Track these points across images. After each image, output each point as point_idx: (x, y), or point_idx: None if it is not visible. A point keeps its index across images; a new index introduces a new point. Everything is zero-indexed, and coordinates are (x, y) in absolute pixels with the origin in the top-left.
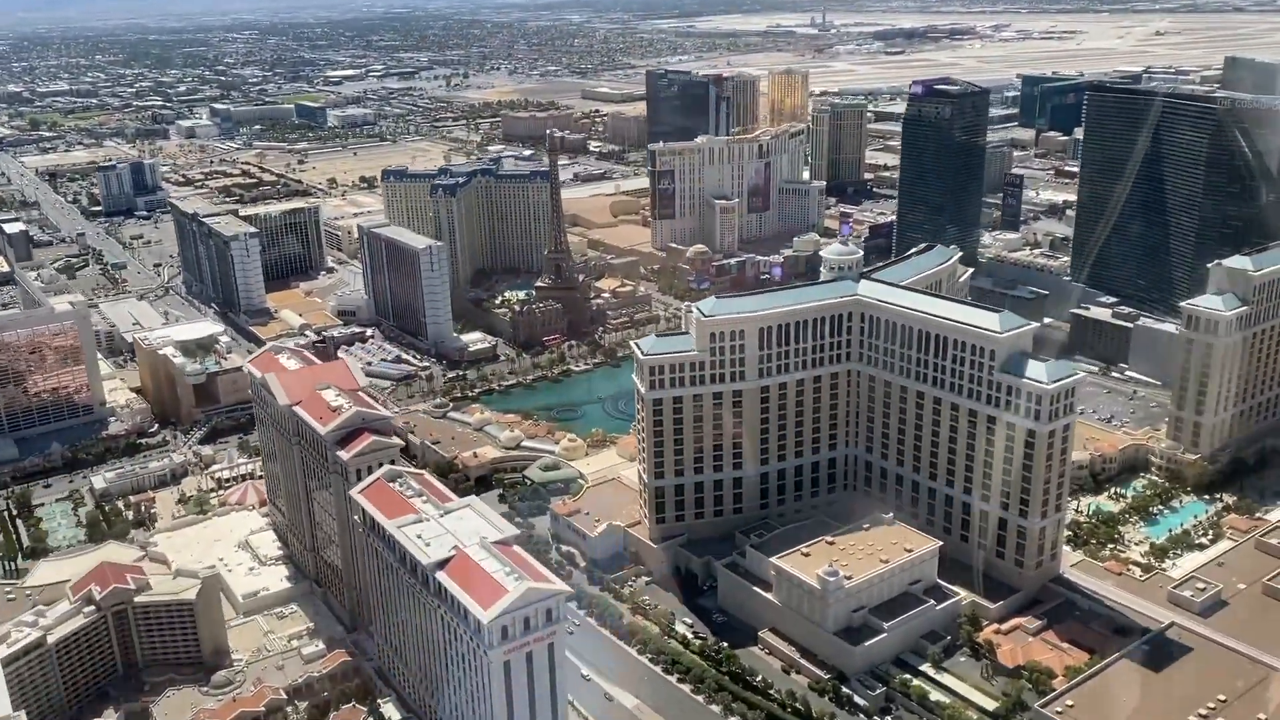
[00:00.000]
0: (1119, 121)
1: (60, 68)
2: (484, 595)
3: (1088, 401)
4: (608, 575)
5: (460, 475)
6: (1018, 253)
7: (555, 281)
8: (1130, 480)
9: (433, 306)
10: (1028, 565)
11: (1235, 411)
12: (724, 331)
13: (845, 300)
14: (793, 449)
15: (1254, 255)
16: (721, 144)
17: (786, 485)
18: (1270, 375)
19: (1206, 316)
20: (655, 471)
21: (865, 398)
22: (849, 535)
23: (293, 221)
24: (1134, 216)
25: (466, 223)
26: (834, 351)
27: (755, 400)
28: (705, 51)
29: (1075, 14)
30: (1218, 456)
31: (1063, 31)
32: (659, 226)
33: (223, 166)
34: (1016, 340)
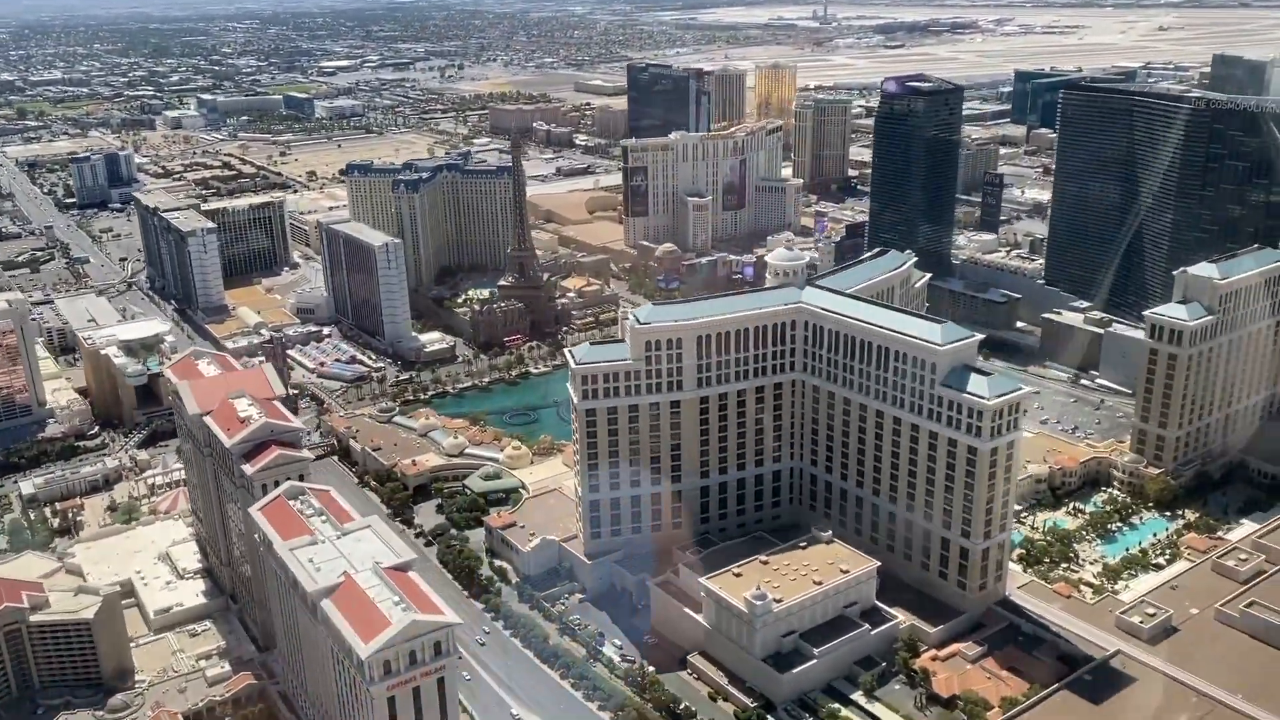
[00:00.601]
0: (1093, 121)
1: (57, 56)
2: (366, 627)
3: (1053, 411)
4: (539, 593)
5: (398, 484)
6: (993, 254)
7: (518, 280)
8: (1091, 495)
9: (390, 305)
10: (970, 588)
11: (1201, 424)
12: (660, 340)
13: (788, 308)
14: (734, 462)
15: (1220, 263)
16: (696, 140)
17: (728, 499)
18: (1237, 387)
19: (1170, 326)
20: (590, 484)
21: (810, 409)
22: (785, 554)
23: (259, 216)
24: (1108, 219)
25: (431, 219)
26: (777, 361)
27: (694, 411)
28: (704, 44)
29: (1079, 9)
30: (1181, 471)
31: (1065, 26)
32: (631, 224)
33: (204, 158)
34: (959, 353)
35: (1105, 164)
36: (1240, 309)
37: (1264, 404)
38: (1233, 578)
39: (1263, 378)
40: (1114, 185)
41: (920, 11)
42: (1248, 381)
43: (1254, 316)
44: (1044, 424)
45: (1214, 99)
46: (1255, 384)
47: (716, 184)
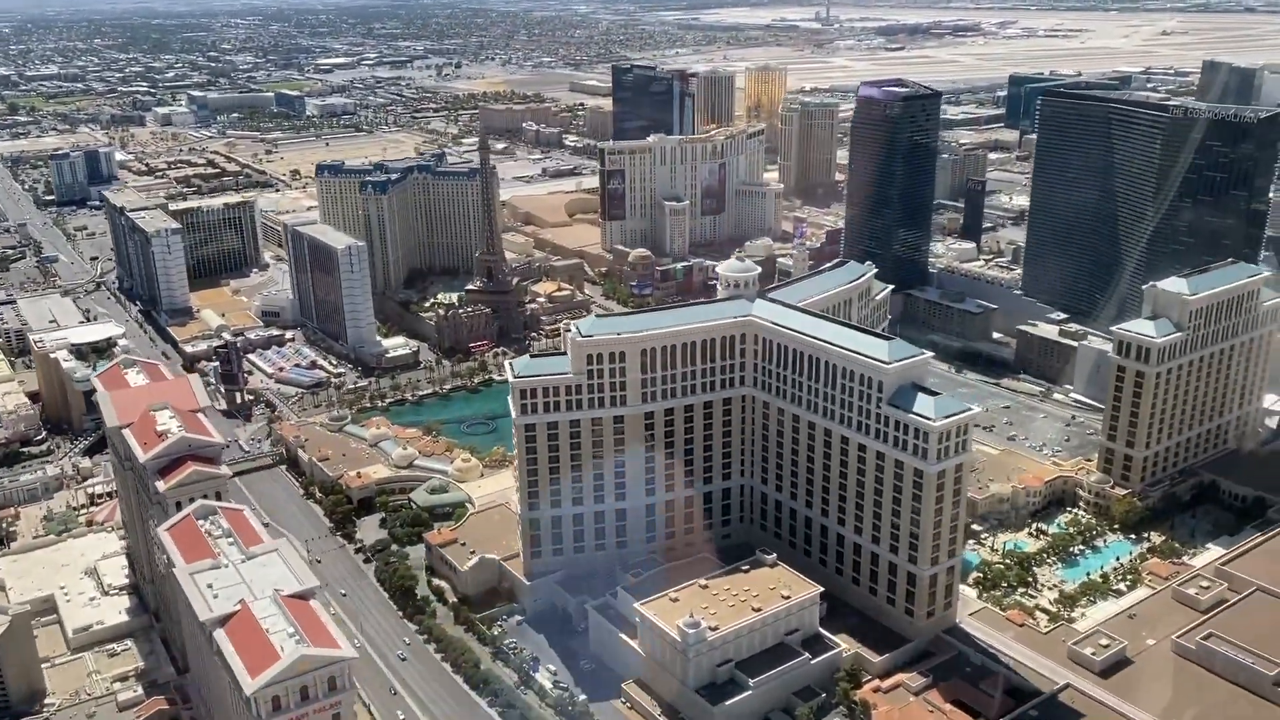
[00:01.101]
0: (1072, 128)
1: (56, 51)
2: (255, 660)
3: (1022, 427)
4: (476, 614)
5: (341, 497)
6: (971, 263)
7: (486, 285)
8: (1056, 515)
9: (352, 309)
10: (918, 615)
11: (1170, 444)
12: (603, 353)
13: (737, 321)
14: (682, 479)
15: (1190, 278)
16: (674, 144)
17: (675, 518)
18: (1207, 406)
19: (1137, 342)
20: (530, 502)
21: (760, 425)
22: (726, 578)
23: (230, 216)
24: (1086, 229)
25: (400, 221)
26: (726, 375)
27: (639, 427)
28: (703, 45)
29: (1084, 12)
30: (1149, 492)
31: (1068, 30)
32: (608, 228)
33: (189, 156)
34: (906, 371)
35: (1084, 173)
36: (1211, 326)
37: (1236, 423)
38: (1193, 606)
39: (1235, 396)
40: (1092, 194)
41: (924, 14)
42: (1219, 400)
43: (1225, 333)
44: (1011, 440)
45: (1193, 108)
46: (1227, 403)
47: (695, 188)
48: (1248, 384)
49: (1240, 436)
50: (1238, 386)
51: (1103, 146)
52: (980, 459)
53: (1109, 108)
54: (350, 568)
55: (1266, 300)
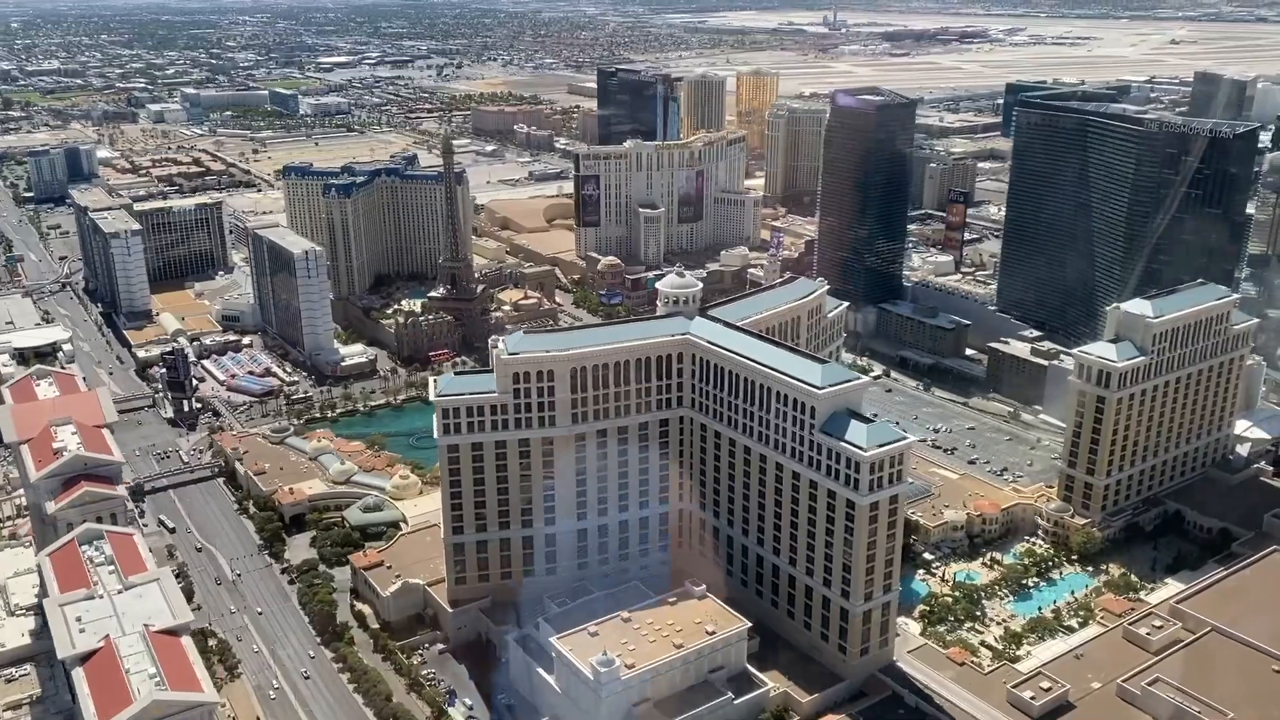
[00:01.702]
0: (1047, 139)
1: (61, 46)
2: (108, 703)
3: (985, 449)
4: (397, 641)
5: (273, 513)
6: (947, 276)
7: (450, 292)
8: (1013, 544)
9: (309, 315)
10: (851, 653)
11: (1134, 472)
12: (530, 371)
13: (675, 340)
14: (616, 503)
15: (1155, 299)
16: (650, 150)
17: (609, 543)
18: (1174, 433)
19: (1098, 366)
20: (454, 525)
21: (698, 448)
22: (651, 610)
23: (199, 218)
24: (1061, 244)
25: (366, 225)
26: (663, 396)
27: (569, 449)
28: (708, 48)
29: (1095, 20)
30: (1110, 522)
31: (1076, 38)
32: (583, 234)
33: (176, 154)
34: (840, 397)
35: (1059, 186)
36: (1177, 349)
37: (1203, 451)
38: (1143, 647)
39: (1204, 422)
40: (1067, 208)
41: (932, 19)
42: (1187, 426)
43: (1193, 357)
44: (972, 464)
45: (1169, 121)
46: (1195, 429)
47: (672, 195)
48: (1218, 410)
49: (1210, 464)
50: (1207, 412)
51: (1078, 159)
52: (938, 483)
53: (1085, 119)
54: (274, 589)
55: (1237, 323)
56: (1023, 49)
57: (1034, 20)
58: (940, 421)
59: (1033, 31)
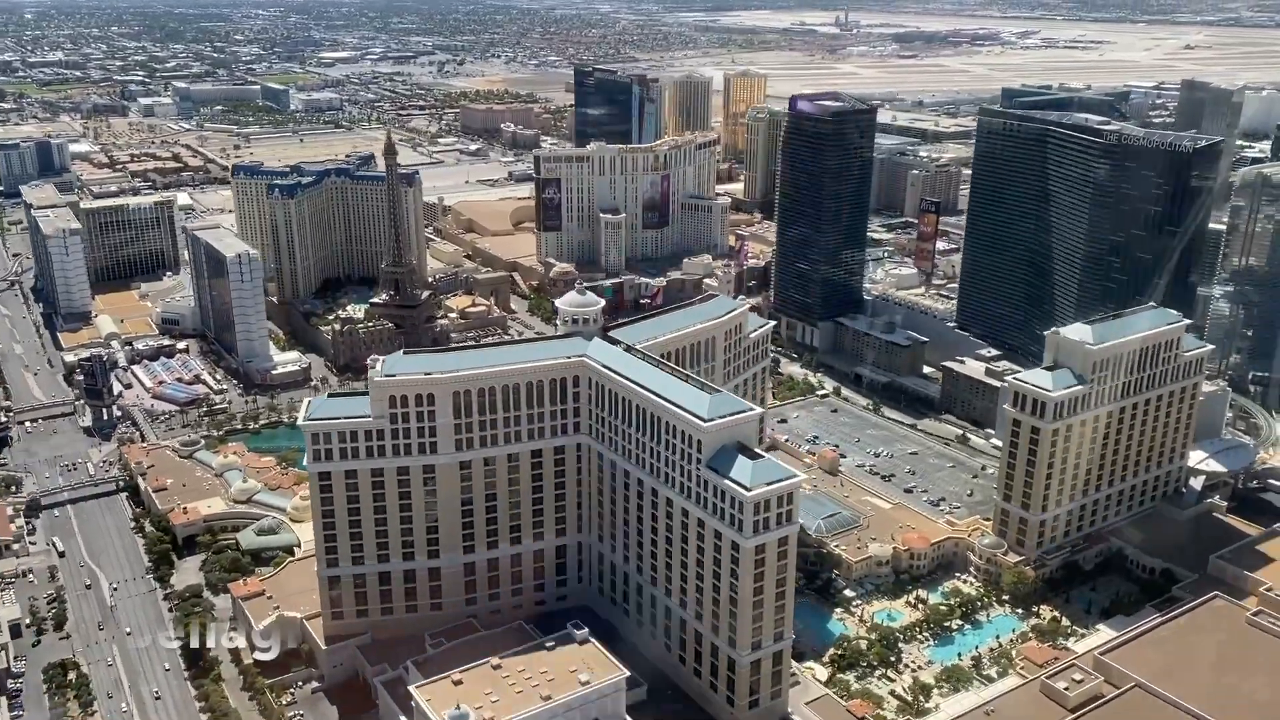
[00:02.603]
0: (1007, 149)
1: (70, 38)
2: None
3: (926, 477)
4: (268, 679)
5: (164, 533)
6: (912, 290)
7: (393, 298)
8: (944, 582)
9: (243, 320)
10: (739, 705)
11: (1074, 506)
12: (407, 395)
13: (570, 362)
14: (507, 535)
15: (1096, 324)
16: (613, 153)
17: (500, 577)
18: (1119, 466)
19: (1032, 394)
20: (328, 558)
21: (595, 478)
22: (524, 656)
23: (152, 216)
24: (1021, 259)
25: (314, 227)
26: (558, 422)
27: (453, 477)
28: (715, 47)
29: (1111, 24)
30: (1045, 560)
31: (1090, 41)
32: (544, 239)
33: (158, 148)
34: (727, 430)
35: (1019, 198)
36: (1121, 377)
37: (1151, 485)
38: (1060, 703)
39: (1149, 455)
40: (1028, 223)
41: (946, 21)
42: (1134, 459)
43: (1139, 386)
44: (909, 492)
45: (1128, 133)
46: (1140, 462)
47: (637, 200)
48: (1168, 441)
49: (1161, 498)
50: (1156, 444)
51: (1038, 171)
52: (869, 513)
53: (1045, 129)
54: (153, 616)
55: (1190, 349)
56: (1033, 52)
57: (1049, 23)
58: (883, 445)
59: (1046, 35)
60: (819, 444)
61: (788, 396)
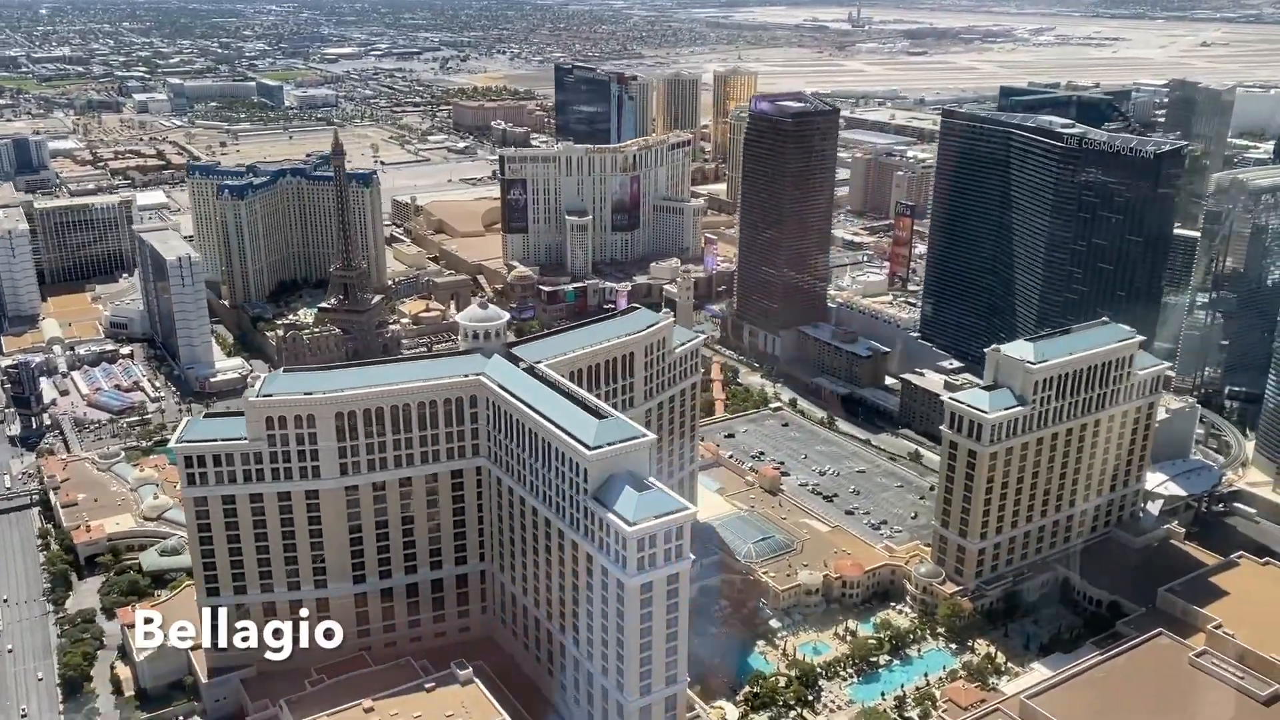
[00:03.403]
0: (970, 154)
1: (81, 33)
2: None
3: (870, 498)
4: (147, 713)
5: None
6: (879, 297)
7: (341, 303)
8: (878, 612)
9: (184, 325)
10: None
11: (1017, 534)
12: (285, 416)
13: (464, 381)
14: (401, 564)
15: (1040, 341)
16: (580, 153)
17: (396, 608)
18: (1066, 490)
19: (968, 416)
20: (207, 587)
21: (495, 504)
22: (401, 698)
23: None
24: (984, 268)
25: (267, 228)
26: (456, 444)
27: (339, 503)
28: (723, 44)
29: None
30: (985, 591)
31: (1104, 38)
32: (509, 241)
33: (144, 145)
34: (616, 458)
35: (982, 205)
36: (1066, 398)
37: (1104, 510)
38: None
39: (1101, 479)
40: (990, 229)
41: (960, 17)
42: (1082, 483)
43: (1086, 406)
44: (850, 514)
45: (1089, 137)
46: (1091, 487)
47: (605, 201)
48: (1122, 464)
49: (1115, 523)
50: (1109, 467)
51: (1001, 177)
52: (804, 536)
53: (1008, 131)
54: (41, 642)
55: (1146, 367)
56: (1046, 49)
57: (1066, 20)
58: (831, 463)
59: (1060, 32)
60: (764, 460)
61: (741, 408)
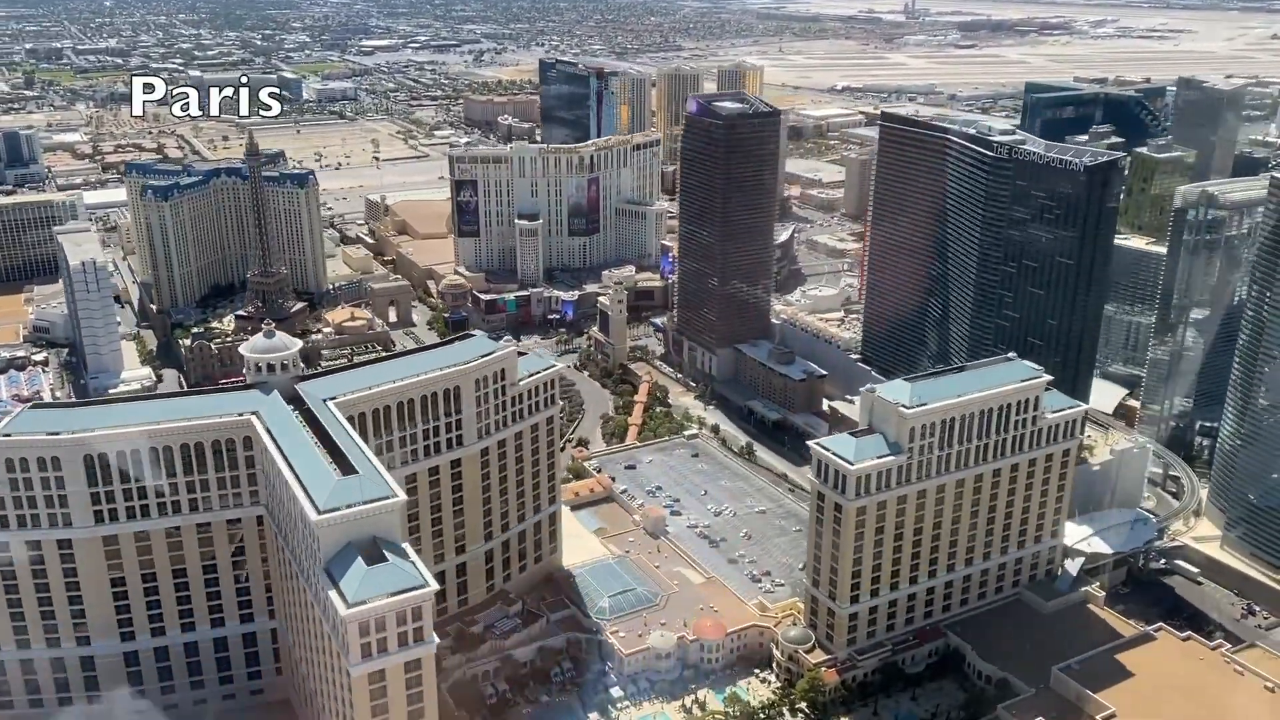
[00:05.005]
0: (907, 162)
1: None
2: None
3: (760, 544)
4: None
5: None
6: (827, 313)
7: (258, 310)
8: (740, 680)
9: (91, 332)
10: None
11: (899, 596)
12: (27, 458)
13: (233, 422)
14: (176, 620)
15: (920, 381)
16: (533, 153)
17: (174, 668)
18: (958, 549)
19: (834, 466)
20: None
21: (277, 557)
22: None
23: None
24: (921, 288)
25: (198, 231)
26: (230, 490)
27: (96, 554)
28: (768, 36)
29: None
30: (857, 661)
31: (1169, 30)
32: (461, 246)
33: (141, 140)
34: (354, 524)
35: (918, 219)
36: (950, 446)
37: (1012, 569)
38: None
39: (1007, 536)
40: (928, 247)
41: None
42: (980, 541)
43: (977, 456)
44: (733, 563)
45: (1018, 147)
46: (994, 544)
47: (562, 204)
48: (1033, 518)
49: (1029, 582)
50: (1016, 521)
51: (936, 187)
52: (673, 588)
53: (945, 139)
54: None
55: (1059, 409)
56: (1104, 43)
57: (1133, 11)
58: (731, 501)
59: (1124, 23)
60: (658, 496)
61: (658, 435)
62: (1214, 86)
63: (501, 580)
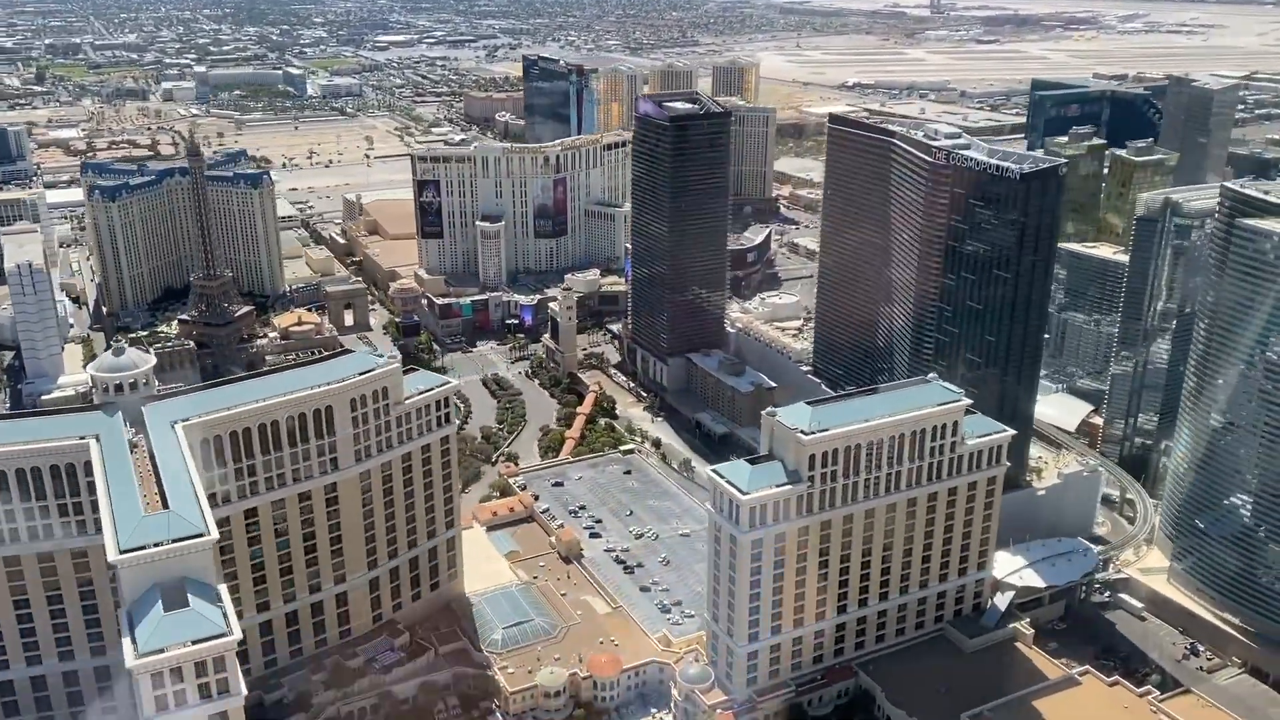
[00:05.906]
0: (854, 167)
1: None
2: None
3: (678, 571)
4: None
5: None
6: (785, 322)
7: (202, 314)
8: None
9: (28, 338)
10: None
11: (804, 634)
12: None
13: (68, 446)
14: (20, 653)
15: (822, 405)
16: (497, 153)
17: (20, 702)
18: (869, 582)
19: (727, 495)
20: None
21: None
22: None
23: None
24: (868, 298)
25: (149, 232)
26: (74, 518)
27: None
28: (788, 31)
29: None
30: (757, 703)
31: (1199, 25)
32: (425, 248)
33: (146, 134)
34: (159, 564)
35: (864, 226)
36: (856, 474)
37: (929, 605)
38: None
39: (914, 572)
40: (873, 256)
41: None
42: (885, 577)
43: (879, 486)
44: (645, 591)
45: (957, 153)
46: (900, 580)
47: (528, 205)
48: (955, 548)
49: (954, 617)
50: (936, 554)
51: (881, 193)
52: (575, 620)
53: (889, 143)
54: None
55: (983, 434)
56: (1130, 38)
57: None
58: (656, 523)
59: (1153, 18)
60: (580, 516)
61: (595, 449)
62: (1204, 85)
63: (391, 609)
